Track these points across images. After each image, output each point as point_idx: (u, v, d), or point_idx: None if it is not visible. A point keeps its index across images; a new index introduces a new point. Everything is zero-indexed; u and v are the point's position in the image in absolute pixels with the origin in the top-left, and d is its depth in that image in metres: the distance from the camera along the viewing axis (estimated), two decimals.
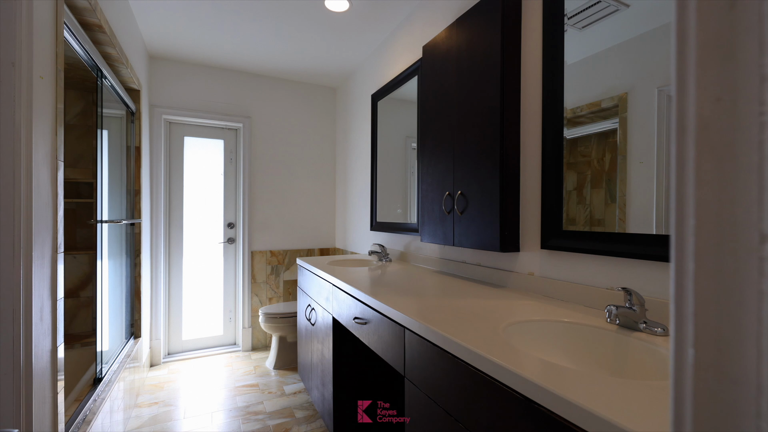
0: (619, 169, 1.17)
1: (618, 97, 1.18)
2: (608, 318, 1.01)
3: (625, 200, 1.16)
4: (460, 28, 1.77)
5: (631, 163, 1.14)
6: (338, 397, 2.04)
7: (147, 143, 3.14)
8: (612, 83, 1.19)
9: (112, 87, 2.30)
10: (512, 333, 1.04)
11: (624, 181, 1.16)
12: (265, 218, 3.77)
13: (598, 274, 1.24)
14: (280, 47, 3.10)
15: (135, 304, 2.88)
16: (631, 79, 1.13)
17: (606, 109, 1.21)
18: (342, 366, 2.04)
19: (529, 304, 1.31)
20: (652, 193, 1.09)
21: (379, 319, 1.40)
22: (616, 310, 0.97)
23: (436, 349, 1.02)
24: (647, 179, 1.09)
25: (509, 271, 1.61)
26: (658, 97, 1.07)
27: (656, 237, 1.05)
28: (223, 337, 3.72)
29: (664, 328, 0.94)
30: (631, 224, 1.13)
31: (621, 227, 1.17)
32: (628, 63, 1.14)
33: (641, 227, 1.10)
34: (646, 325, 0.95)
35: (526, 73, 1.54)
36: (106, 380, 2.05)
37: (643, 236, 1.08)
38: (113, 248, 2.55)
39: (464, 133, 1.72)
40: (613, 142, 1.19)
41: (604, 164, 1.22)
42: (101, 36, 1.93)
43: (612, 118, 1.19)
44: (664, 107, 1.06)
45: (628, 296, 0.98)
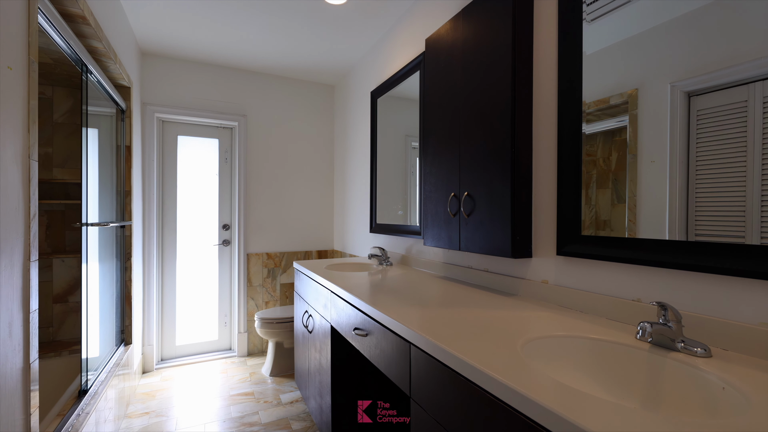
0: (629, 168, 1.12)
1: (627, 94, 1.12)
2: (639, 335, 0.91)
3: (635, 201, 1.11)
4: (466, 19, 1.66)
5: (642, 163, 1.08)
6: (337, 409, 1.93)
7: (139, 142, 3.03)
8: (621, 79, 1.13)
9: (99, 83, 2.19)
10: (532, 351, 0.93)
11: (634, 181, 1.11)
12: (261, 220, 3.65)
13: (622, 284, 1.14)
14: (277, 42, 2.98)
15: (125, 310, 2.77)
16: (642, 74, 1.08)
17: (614, 106, 1.16)
18: (341, 376, 1.94)
19: (546, 315, 1.20)
20: (665, 193, 1.03)
21: (382, 332, 1.29)
22: (651, 327, 0.86)
23: (448, 370, 0.91)
24: (659, 179, 1.04)
25: (520, 279, 1.50)
26: (670, 93, 1.01)
27: (695, 245, 0.94)
28: (218, 343, 3.61)
29: (706, 348, 0.83)
30: (643, 227, 1.08)
31: (631, 229, 1.11)
32: (639, 58, 1.09)
33: (653, 229, 1.05)
34: (684, 345, 0.84)
35: (539, 64, 1.43)
36: (91, 392, 1.93)
37: (678, 244, 0.98)
38: (103, 252, 2.44)
39: (471, 131, 1.62)
40: (619, 140, 1.14)
41: (611, 163, 1.17)
42: (85, 28, 1.81)
43: (620, 115, 1.14)
44: (677, 103, 1.00)
45: (663, 311, 0.87)
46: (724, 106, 0.90)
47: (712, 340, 0.89)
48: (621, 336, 0.98)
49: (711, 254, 0.90)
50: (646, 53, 1.07)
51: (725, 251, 0.88)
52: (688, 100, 0.97)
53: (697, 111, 0.96)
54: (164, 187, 3.40)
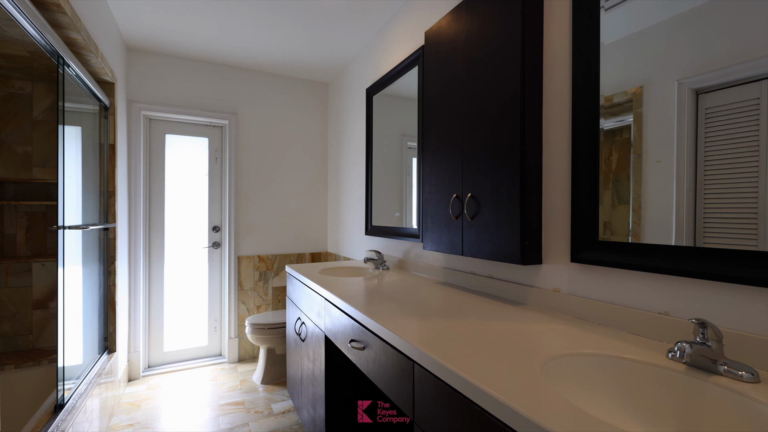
0: (633, 168, 1.07)
1: (632, 92, 1.08)
2: (675, 355, 0.81)
3: (640, 202, 1.06)
4: (470, 9, 1.56)
5: (647, 163, 1.04)
6: (331, 423, 1.82)
7: (124, 141, 2.90)
8: (625, 77, 1.09)
9: (78, 77, 2.05)
10: (554, 373, 0.82)
11: (639, 182, 1.06)
12: (252, 221, 3.53)
13: (647, 295, 1.04)
14: (268, 38, 2.86)
15: (109, 316, 2.63)
16: (647, 71, 1.04)
17: (618, 104, 1.11)
18: (335, 387, 1.83)
19: (561, 329, 1.10)
20: (671, 195, 0.98)
21: (381, 346, 1.18)
22: (691, 348, 0.76)
23: (459, 397, 0.80)
24: (666, 180, 0.99)
25: (529, 286, 1.40)
26: (678, 91, 0.97)
27: (736, 253, 0.84)
28: (208, 348, 3.48)
29: (753, 372, 0.73)
30: (648, 229, 1.04)
31: (635, 232, 1.07)
32: (644, 54, 1.05)
33: (659, 232, 1.01)
34: (726, 367, 0.74)
35: (550, 55, 1.33)
36: (68, 406, 1.81)
37: (717, 252, 0.88)
38: (85, 255, 2.30)
39: (475, 128, 1.51)
40: (621, 140, 1.11)
41: (611, 164, 1.14)
42: (61, 17, 1.69)
43: (624, 114, 1.10)
44: (684, 101, 0.95)
45: (701, 329, 0.77)
46: (735, 104, 0.86)
47: (758, 361, 0.79)
48: (650, 355, 0.87)
49: (756, 266, 0.80)
50: (651, 49, 1.03)
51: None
52: (696, 97, 0.93)
53: (705, 109, 0.92)
54: (151, 187, 3.26)
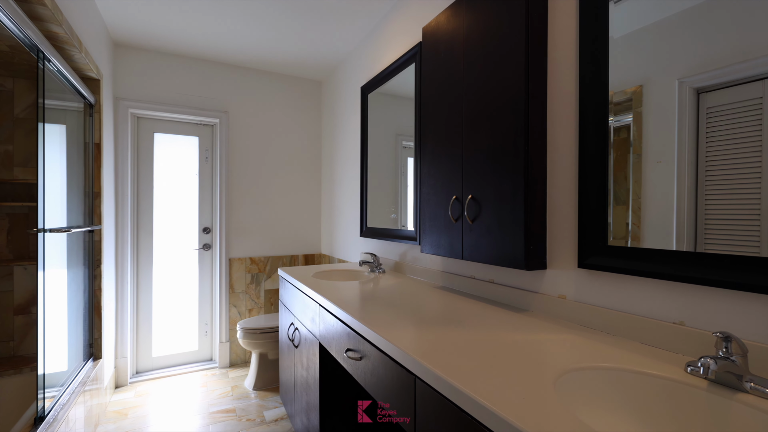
0: (632, 169, 1.06)
1: (631, 91, 1.06)
2: (692, 369, 0.75)
3: (639, 204, 1.04)
4: (470, 3, 1.50)
5: (647, 163, 1.02)
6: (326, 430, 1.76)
7: (110, 140, 2.80)
8: (624, 76, 1.07)
9: (60, 73, 1.96)
10: (569, 390, 0.77)
11: (639, 183, 1.04)
12: (244, 222, 3.44)
13: (660, 304, 0.98)
14: (260, 34, 2.79)
15: (95, 321, 2.54)
16: (647, 70, 1.02)
17: (617, 103, 1.10)
18: (330, 395, 1.76)
19: (570, 339, 1.04)
20: (672, 196, 0.96)
21: (379, 357, 1.12)
22: (716, 364, 0.71)
23: (468, 418, 0.74)
24: (667, 181, 0.98)
25: (532, 292, 1.35)
26: (678, 90, 0.95)
27: (760, 260, 0.79)
28: (198, 353, 3.39)
29: None
30: (648, 231, 1.02)
31: (635, 233, 1.05)
32: (643, 53, 1.03)
33: (660, 234, 0.99)
34: (753, 384, 0.69)
35: (555, 50, 1.28)
36: (50, 418, 1.72)
37: (736, 258, 0.83)
38: (70, 259, 2.21)
39: (476, 127, 1.46)
40: (618, 139, 1.09)
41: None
42: (41, 10, 1.60)
43: (623, 113, 1.08)
44: (685, 101, 0.94)
45: (725, 342, 0.72)
46: (737, 103, 0.85)
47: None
48: (668, 369, 0.82)
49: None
50: (651, 48, 1.01)
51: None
52: (697, 97, 0.91)
53: (707, 109, 0.90)
54: (139, 187, 3.17)
